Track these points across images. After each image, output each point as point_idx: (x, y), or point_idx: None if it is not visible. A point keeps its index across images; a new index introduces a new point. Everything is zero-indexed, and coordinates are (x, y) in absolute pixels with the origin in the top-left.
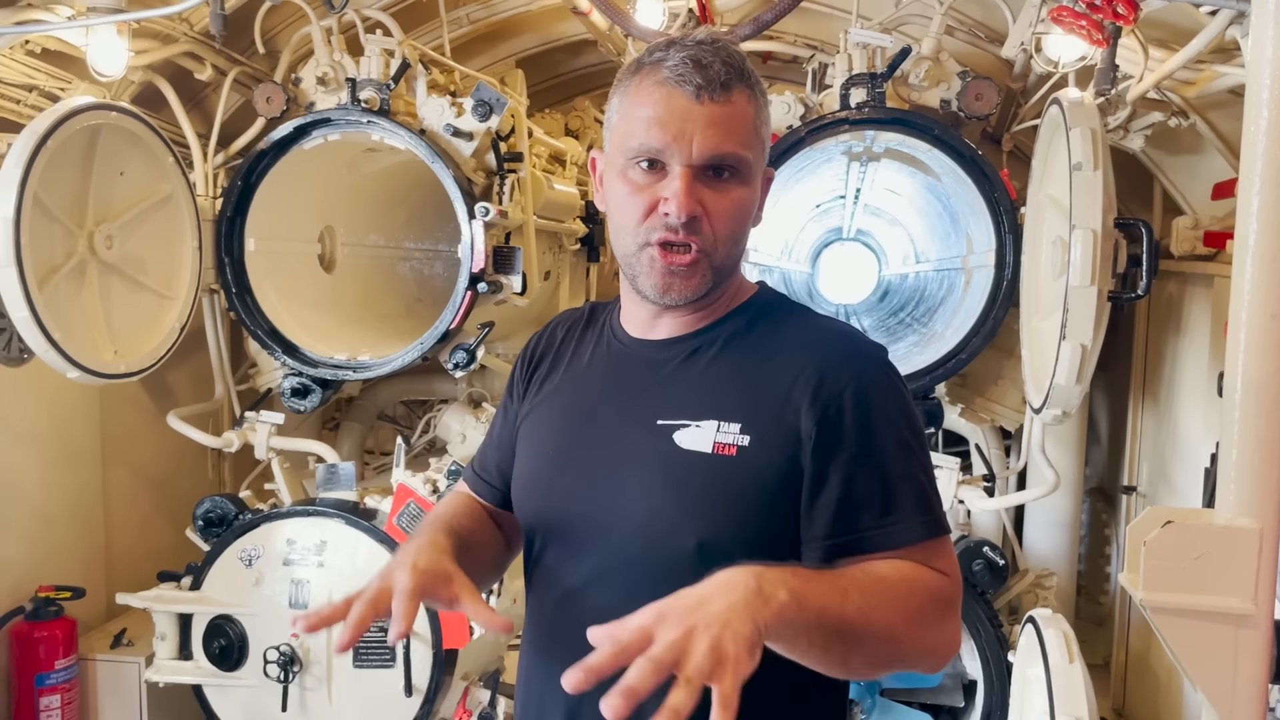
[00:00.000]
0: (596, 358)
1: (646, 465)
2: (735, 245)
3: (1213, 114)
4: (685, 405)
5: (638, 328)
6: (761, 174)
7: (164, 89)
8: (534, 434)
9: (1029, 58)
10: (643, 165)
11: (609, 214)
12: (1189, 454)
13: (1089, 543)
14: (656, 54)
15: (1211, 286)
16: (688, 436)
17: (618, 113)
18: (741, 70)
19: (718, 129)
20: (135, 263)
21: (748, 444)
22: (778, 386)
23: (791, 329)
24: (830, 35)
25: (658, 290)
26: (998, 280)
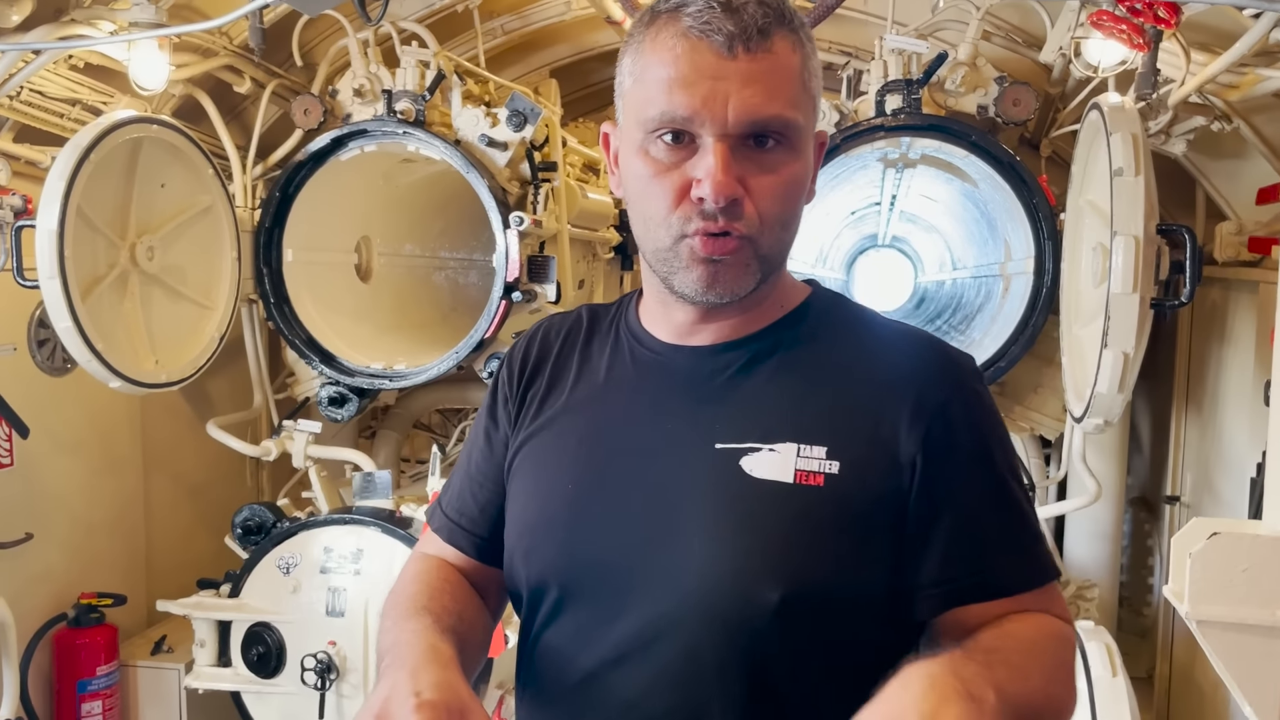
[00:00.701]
0: (617, 370)
1: (708, 499)
2: (785, 229)
3: (1257, 118)
4: (752, 424)
5: (672, 332)
6: (813, 139)
7: (204, 102)
8: (540, 467)
9: (1068, 62)
10: (666, 139)
11: (629, 202)
12: (1234, 463)
13: (1131, 553)
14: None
15: (1256, 293)
16: (760, 463)
17: (630, 75)
18: (781, 11)
19: (758, 87)
20: (176, 273)
21: (836, 471)
22: (865, 402)
23: (865, 334)
24: (865, 42)
25: (700, 286)
26: (1037, 287)
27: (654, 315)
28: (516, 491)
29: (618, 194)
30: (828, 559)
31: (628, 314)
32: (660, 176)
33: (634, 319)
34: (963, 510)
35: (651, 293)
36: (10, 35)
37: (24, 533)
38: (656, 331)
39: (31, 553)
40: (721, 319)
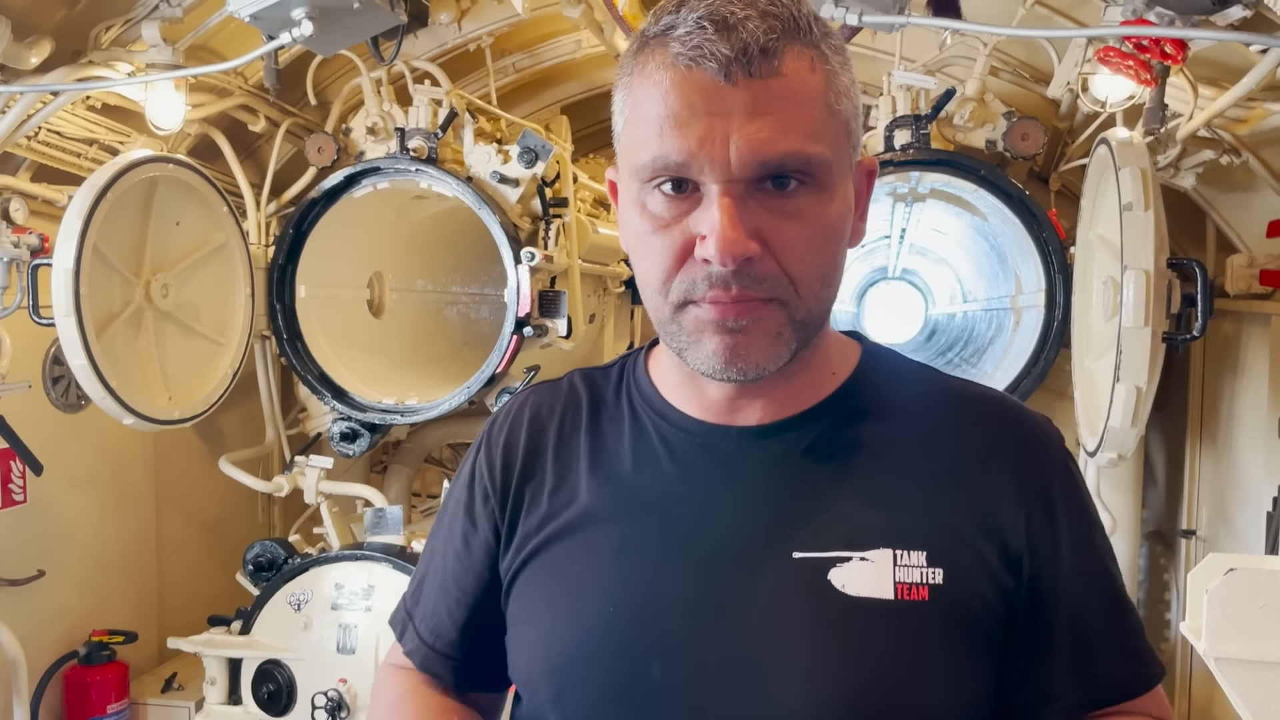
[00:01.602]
0: (645, 457)
1: (799, 624)
2: (825, 285)
3: (1266, 151)
4: (833, 527)
5: (707, 409)
6: (853, 169)
7: (219, 140)
8: (563, 585)
9: (1075, 97)
10: (665, 189)
11: (631, 260)
12: (1250, 497)
13: (1148, 588)
14: (665, 18)
15: (1269, 325)
16: (853, 576)
17: (621, 115)
18: (793, 21)
19: (766, 120)
20: (189, 310)
21: (941, 581)
22: (960, 491)
23: (936, 401)
24: (874, 78)
25: (718, 363)
26: (1048, 321)
27: (677, 387)
28: (531, 616)
29: (625, 248)
30: (943, 689)
31: (638, 382)
32: (656, 234)
33: (649, 389)
34: (1074, 611)
35: (673, 362)
36: (29, 77)
37: (36, 570)
38: (686, 406)
39: (44, 590)
40: (766, 393)
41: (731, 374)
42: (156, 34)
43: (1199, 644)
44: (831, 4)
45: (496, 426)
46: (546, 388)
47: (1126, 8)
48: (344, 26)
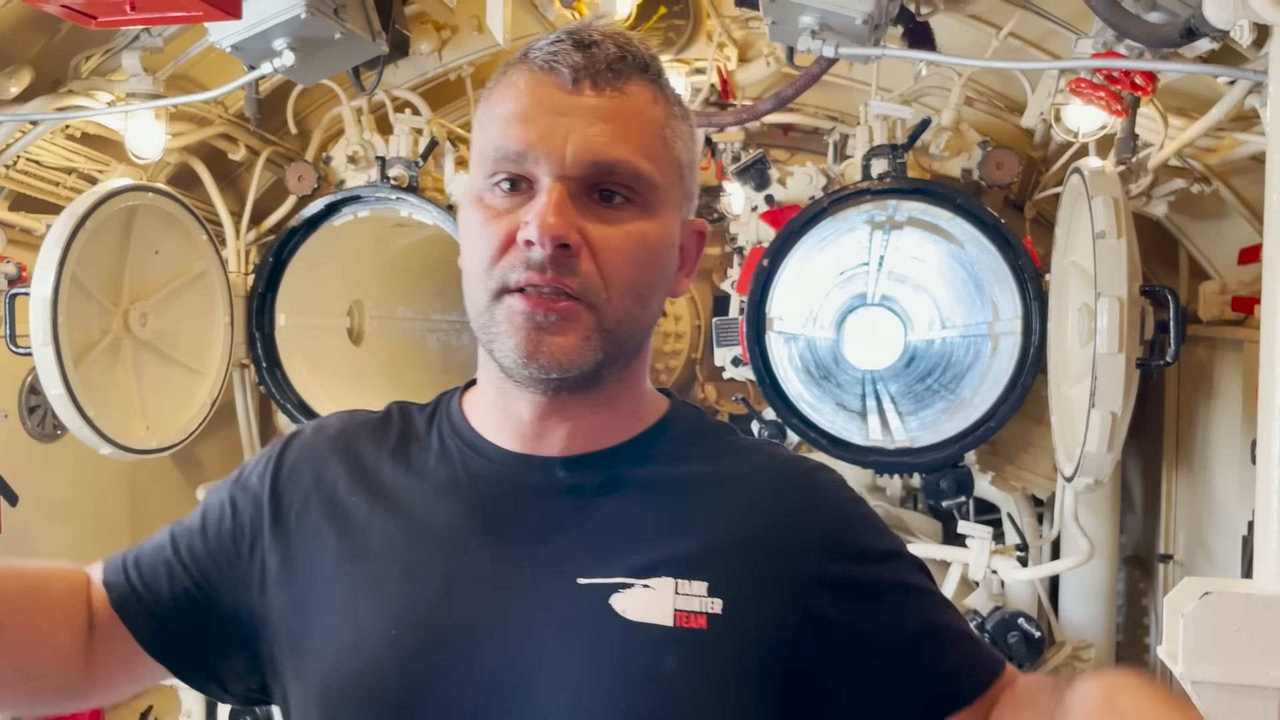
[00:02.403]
0: (447, 484)
1: (575, 646)
2: (640, 304)
3: (1236, 180)
4: (619, 556)
5: (513, 438)
6: (680, 211)
7: (199, 169)
8: (346, 604)
9: (1049, 127)
10: (503, 185)
11: (462, 258)
12: (1226, 521)
13: (1127, 612)
14: (529, 44)
15: (1241, 351)
16: (634, 602)
17: (478, 123)
18: (645, 62)
19: (604, 126)
20: (168, 339)
21: (720, 611)
22: (745, 530)
23: (733, 454)
24: (850, 107)
25: (520, 355)
26: (1025, 347)
27: (489, 416)
28: (308, 631)
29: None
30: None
31: (450, 414)
32: (487, 224)
33: (460, 420)
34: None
35: (489, 381)
36: (8, 106)
37: None
38: (494, 436)
39: None
40: (572, 418)
41: (534, 370)
42: (137, 64)
43: (1176, 667)
44: (808, 37)
45: (298, 440)
46: (360, 415)
47: (1097, 40)
48: (325, 56)
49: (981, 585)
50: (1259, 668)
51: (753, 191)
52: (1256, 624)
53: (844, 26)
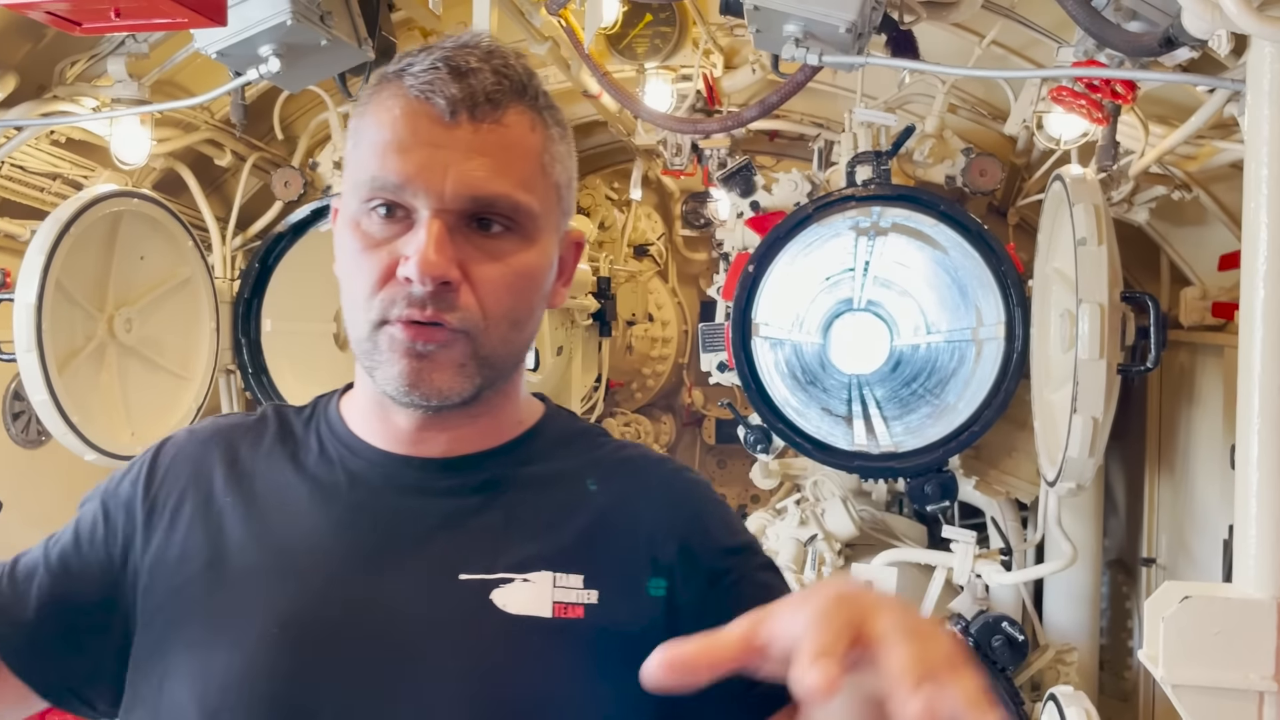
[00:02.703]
0: (325, 486)
1: (461, 643)
2: (516, 330)
3: (1216, 187)
4: (499, 552)
5: (394, 440)
6: (560, 234)
7: (184, 175)
8: (223, 606)
9: (1031, 134)
10: (380, 212)
11: (340, 278)
12: (1207, 525)
13: (1111, 616)
14: (404, 61)
15: (1222, 356)
16: (514, 596)
17: (351, 141)
18: (522, 85)
19: (482, 161)
20: (153, 345)
21: (596, 601)
22: (617, 525)
23: (605, 455)
24: (835, 114)
25: (403, 384)
26: (1008, 352)
27: (368, 419)
28: (183, 635)
29: (337, 270)
30: (599, 703)
31: (328, 417)
32: (367, 252)
33: (339, 423)
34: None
35: (365, 394)
36: None
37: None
38: (373, 438)
39: None
40: (452, 428)
41: (415, 398)
42: (122, 69)
43: (1156, 671)
44: (793, 45)
45: (170, 444)
46: (236, 417)
47: (1078, 49)
48: (311, 63)
49: (966, 589)
50: (1238, 671)
51: (738, 198)
52: (1235, 627)
53: (828, 35)
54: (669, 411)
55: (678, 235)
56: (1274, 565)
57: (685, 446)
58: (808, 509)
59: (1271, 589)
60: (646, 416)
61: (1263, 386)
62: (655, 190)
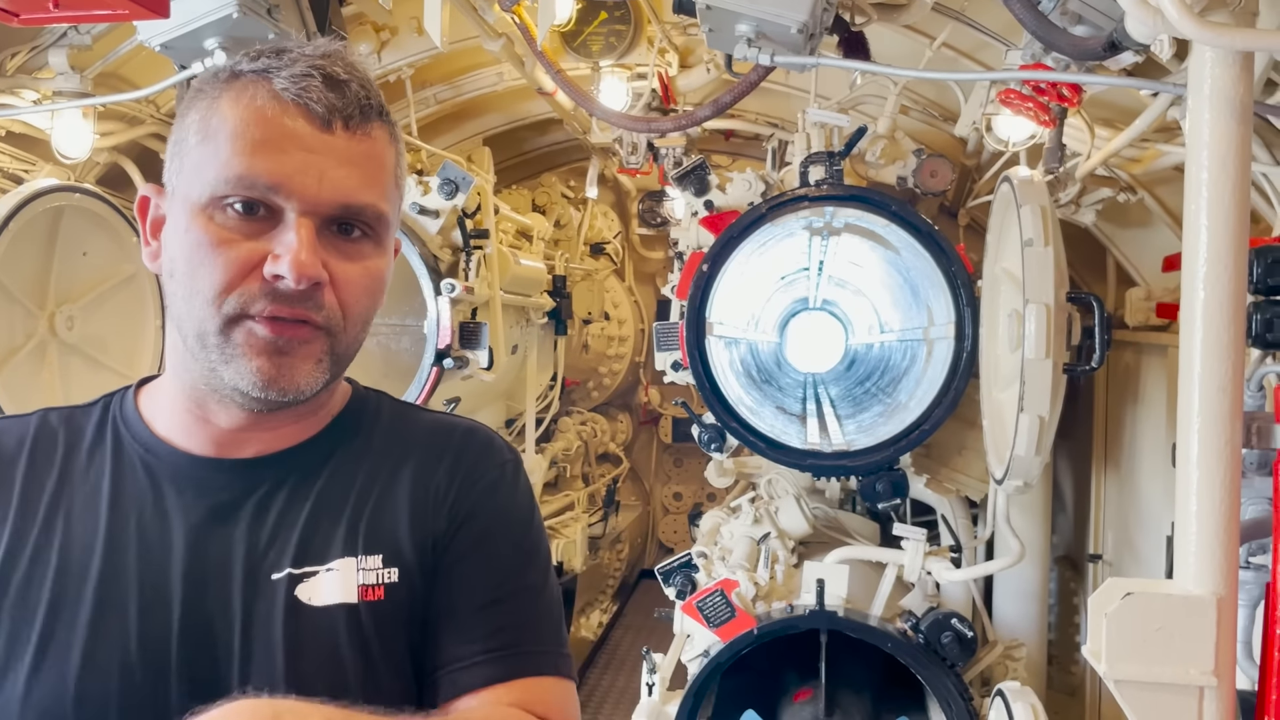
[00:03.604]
0: (127, 492)
1: (276, 643)
2: (365, 330)
3: (1160, 189)
4: (306, 545)
5: (205, 442)
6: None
7: (129, 169)
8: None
9: (981, 136)
10: (236, 207)
11: (171, 274)
12: (1151, 522)
13: (1059, 612)
14: (263, 60)
15: (1165, 356)
16: (319, 588)
17: (198, 133)
18: (380, 102)
19: (354, 170)
20: (96, 343)
21: (396, 579)
22: (411, 497)
23: (413, 429)
24: (789, 114)
25: (259, 380)
26: (958, 352)
27: (177, 421)
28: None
29: (150, 268)
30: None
31: (126, 420)
32: (221, 247)
33: (139, 427)
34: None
35: (180, 389)
36: None
37: None
38: (184, 441)
39: None
40: (275, 426)
41: (271, 394)
42: (64, 61)
43: (1100, 667)
44: (745, 44)
45: None
46: (13, 423)
47: (1026, 52)
48: None
49: (916, 586)
50: (1179, 666)
51: (693, 197)
52: (1176, 623)
53: (779, 35)
54: (626, 410)
55: (634, 234)
56: (1213, 562)
57: (642, 445)
58: (762, 507)
59: (1211, 585)
60: (603, 415)
61: (1202, 386)
62: (612, 189)
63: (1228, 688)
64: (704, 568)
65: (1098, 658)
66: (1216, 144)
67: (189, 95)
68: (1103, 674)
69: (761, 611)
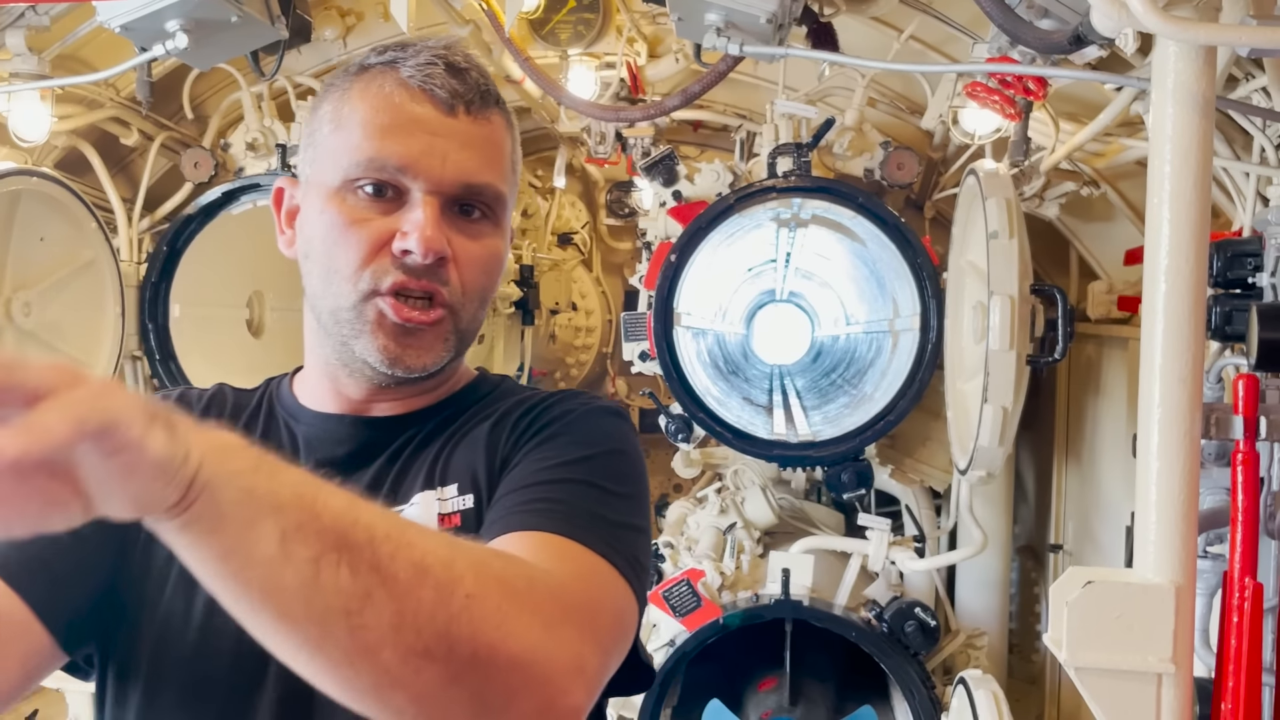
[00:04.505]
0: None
1: None
2: (483, 307)
3: (1122, 184)
4: (399, 487)
5: (338, 404)
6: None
7: (88, 154)
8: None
9: (947, 129)
10: (366, 190)
11: (307, 255)
12: (1111, 512)
13: (1020, 601)
14: (390, 53)
15: (1126, 349)
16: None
17: (331, 123)
18: (498, 94)
19: (475, 152)
20: (54, 330)
21: (471, 505)
22: (489, 432)
23: (511, 399)
24: (758, 105)
25: (385, 357)
26: (923, 344)
27: (315, 389)
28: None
29: (287, 254)
30: None
31: (279, 392)
32: (355, 226)
33: (288, 396)
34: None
35: (317, 365)
36: None
37: None
38: (317, 404)
39: None
40: (402, 396)
41: (398, 371)
42: (21, 43)
43: (1060, 654)
44: (714, 34)
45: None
46: (195, 390)
47: (992, 46)
48: (221, 40)
49: (881, 576)
50: (1138, 654)
51: (661, 187)
52: (1135, 612)
53: (748, 25)
54: None
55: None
56: (1172, 551)
57: None
58: (728, 497)
59: (1170, 574)
60: None
61: (1163, 377)
62: (579, 178)
63: (1185, 675)
64: (670, 558)
65: (1059, 645)
66: (1179, 138)
67: (320, 90)
68: (1064, 661)
69: (727, 601)
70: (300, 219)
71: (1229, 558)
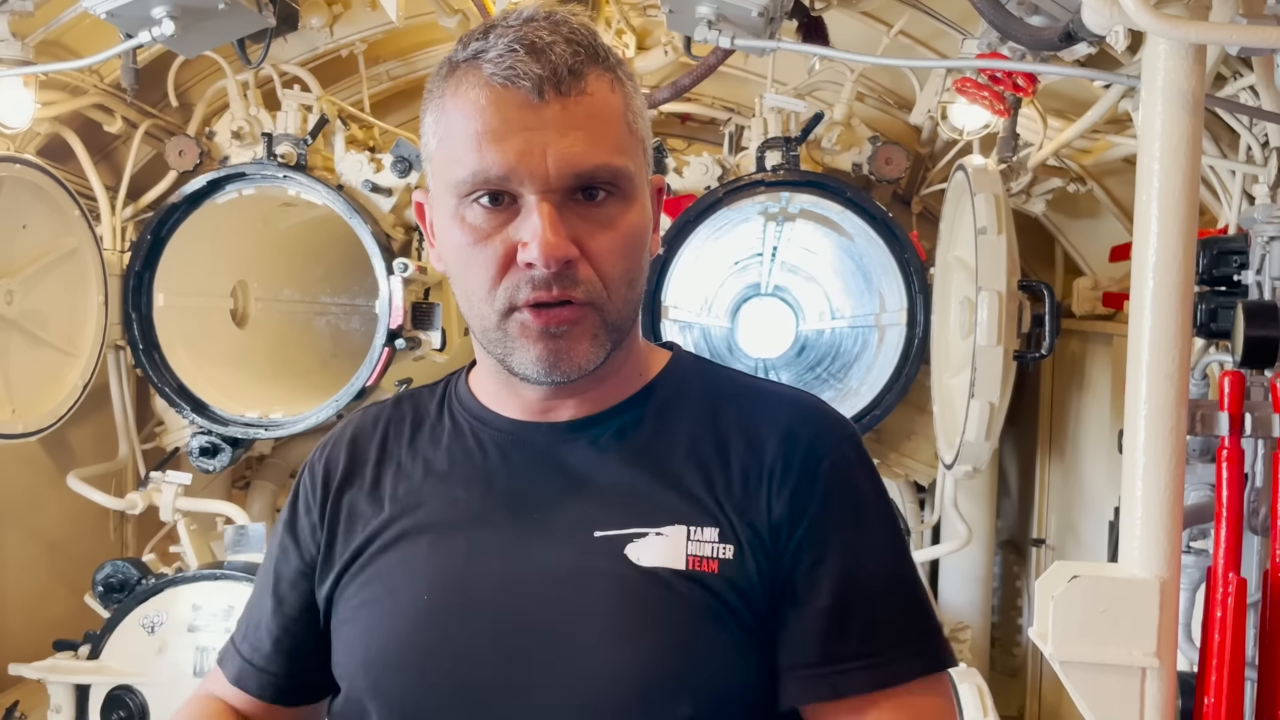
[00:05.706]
0: (460, 457)
1: (596, 596)
2: (632, 288)
3: (1109, 181)
4: (631, 506)
5: (522, 409)
6: (649, 185)
7: (72, 140)
8: (382, 583)
9: (936, 125)
10: (483, 202)
11: (451, 276)
12: (1094, 507)
13: (1002, 595)
14: (474, 44)
15: (1111, 345)
16: (648, 550)
17: (434, 135)
18: (593, 48)
19: (578, 134)
20: (36, 318)
21: (731, 556)
22: (742, 474)
23: (736, 398)
24: (747, 99)
25: (541, 367)
26: (909, 338)
27: (495, 393)
28: (353, 614)
29: (438, 269)
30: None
31: (459, 393)
32: (480, 244)
33: (469, 399)
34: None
35: (490, 371)
36: None
37: None
38: (502, 409)
39: None
40: (579, 394)
41: (555, 377)
42: (5, 28)
43: (1046, 648)
44: (705, 27)
45: (321, 449)
46: (374, 409)
47: (982, 41)
48: (208, 27)
49: None
50: (1124, 648)
51: None
52: (1121, 606)
53: (740, 18)
54: None
55: None
56: (1157, 546)
57: None
58: None
59: (1155, 569)
60: None
61: (1150, 373)
62: None
63: (1169, 669)
64: None
65: (1044, 639)
66: (1168, 135)
67: (424, 98)
68: (1049, 655)
69: None
70: (437, 236)
71: (1213, 553)
